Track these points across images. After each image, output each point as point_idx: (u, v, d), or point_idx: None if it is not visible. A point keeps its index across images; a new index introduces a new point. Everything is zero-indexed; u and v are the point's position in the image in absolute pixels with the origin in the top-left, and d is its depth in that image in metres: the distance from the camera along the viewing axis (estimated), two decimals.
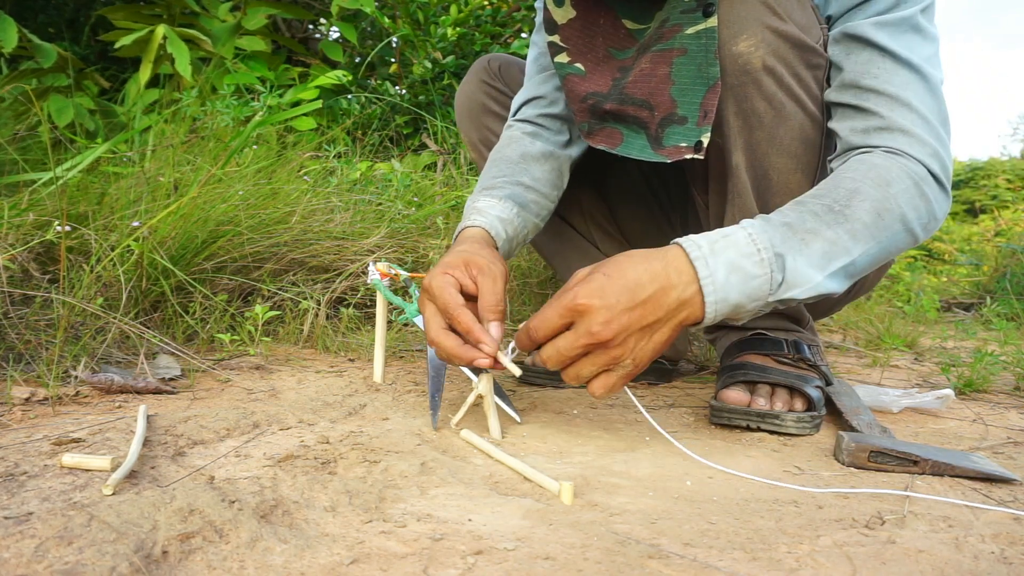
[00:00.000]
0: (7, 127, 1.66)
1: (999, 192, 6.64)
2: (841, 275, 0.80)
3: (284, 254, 1.43)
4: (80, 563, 0.49)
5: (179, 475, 0.68)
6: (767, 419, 0.95)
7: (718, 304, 0.75)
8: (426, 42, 2.73)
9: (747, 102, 0.91)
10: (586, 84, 1.01)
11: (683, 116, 0.92)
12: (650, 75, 0.94)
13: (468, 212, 1.02)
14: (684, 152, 0.93)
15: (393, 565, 0.54)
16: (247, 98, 2.14)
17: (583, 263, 1.15)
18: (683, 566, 0.56)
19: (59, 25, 3.01)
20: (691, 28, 0.90)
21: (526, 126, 1.13)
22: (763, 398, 0.98)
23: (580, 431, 0.94)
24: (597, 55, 1.01)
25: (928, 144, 0.86)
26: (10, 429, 0.79)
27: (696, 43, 0.90)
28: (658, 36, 0.93)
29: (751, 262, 0.75)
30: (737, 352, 1.07)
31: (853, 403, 1.06)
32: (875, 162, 0.84)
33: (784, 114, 0.92)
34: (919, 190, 0.84)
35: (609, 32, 1.01)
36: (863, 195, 0.81)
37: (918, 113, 0.87)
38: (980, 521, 0.67)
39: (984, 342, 1.71)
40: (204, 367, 1.10)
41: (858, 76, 0.89)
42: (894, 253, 0.85)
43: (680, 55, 0.91)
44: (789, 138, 0.94)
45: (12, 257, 1.06)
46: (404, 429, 0.87)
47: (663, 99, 0.93)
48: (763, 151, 0.94)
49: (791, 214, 0.80)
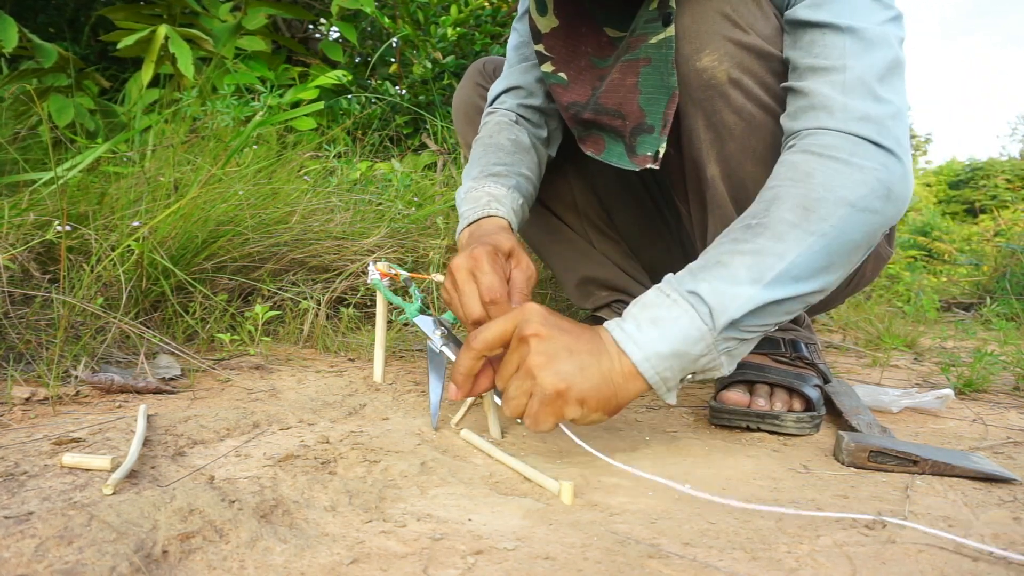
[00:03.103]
0: (7, 127, 1.66)
1: (999, 192, 6.64)
2: (784, 280, 0.75)
3: (284, 254, 1.43)
4: (80, 563, 0.49)
5: (179, 475, 0.68)
6: (767, 420, 0.95)
7: (651, 360, 0.71)
8: (426, 42, 2.73)
9: (716, 115, 0.90)
10: (568, 94, 1.02)
11: (651, 125, 0.93)
12: (619, 85, 0.94)
13: (481, 198, 0.99)
14: (647, 161, 0.94)
15: (393, 565, 0.54)
16: (247, 98, 2.14)
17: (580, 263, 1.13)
18: (683, 566, 0.56)
19: (59, 25, 3.01)
20: (654, 37, 0.90)
21: (510, 115, 1.12)
22: (762, 398, 0.98)
23: (580, 431, 0.94)
24: (580, 64, 1.02)
25: (853, 110, 0.78)
26: (10, 429, 0.79)
27: (658, 53, 0.90)
28: (627, 46, 0.93)
29: (663, 309, 0.73)
30: None
31: (853, 403, 1.06)
32: (794, 160, 0.80)
33: (755, 124, 0.91)
34: (850, 165, 0.77)
35: (591, 40, 1.01)
36: (781, 198, 0.78)
37: (847, 76, 0.80)
38: (980, 521, 0.67)
39: (984, 342, 1.71)
40: (204, 367, 1.10)
41: (799, 59, 0.85)
42: (863, 237, 0.78)
43: (645, 65, 0.91)
44: (763, 147, 0.92)
45: (12, 257, 1.06)
46: (404, 429, 0.87)
47: (632, 109, 0.94)
48: (737, 161, 0.93)
49: (709, 251, 0.78)
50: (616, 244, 1.30)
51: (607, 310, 1.29)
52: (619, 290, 1.29)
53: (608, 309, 1.29)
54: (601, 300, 1.29)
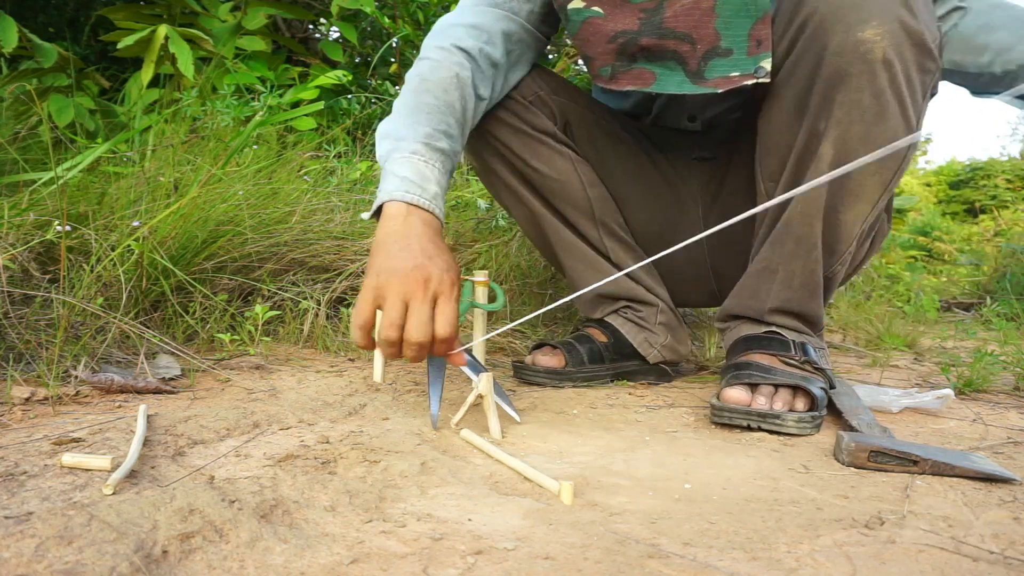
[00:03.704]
0: (7, 127, 1.66)
1: (999, 192, 6.65)
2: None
3: (284, 254, 1.43)
4: (80, 563, 0.49)
5: (179, 475, 0.68)
6: (768, 419, 0.95)
7: None
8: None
9: (855, 92, 0.91)
10: (611, 24, 0.99)
11: (727, 48, 0.93)
12: (694, 8, 0.94)
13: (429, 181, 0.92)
14: (738, 81, 0.94)
15: (393, 565, 0.54)
16: (247, 98, 2.14)
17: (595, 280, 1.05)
18: (683, 566, 0.56)
19: (59, 25, 3.01)
20: None
21: (468, 61, 1.03)
22: (764, 397, 0.98)
23: (580, 431, 0.94)
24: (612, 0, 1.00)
25: None
26: (10, 429, 0.79)
27: None
28: None
29: None
30: (744, 349, 1.06)
31: (853, 403, 1.06)
32: None
33: (885, 114, 0.92)
34: None
35: None
36: None
37: None
38: (980, 521, 0.67)
39: (984, 342, 1.71)
40: (204, 367, 1.10)
41: None
42: None
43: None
44: (881, 140, 0.92)
45: (12, 257, 1.06)
46: (404, 429, 0.87)
47: (707, 32, 0.94)
48: (853, 148, 0.93)
49: None
50: (631, 250, 1.26)
51: (614, 315, 1.27)
52: (630, 298, 1.27)
53: (615, 314, 1.27)
54: (609, 308, 1.27)
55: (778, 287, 1.06)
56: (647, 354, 1.25)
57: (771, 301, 1.07)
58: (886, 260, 3.13)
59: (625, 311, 1.27)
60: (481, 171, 1.24)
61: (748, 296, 1.09)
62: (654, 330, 1.25)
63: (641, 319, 1.26)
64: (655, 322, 1.26)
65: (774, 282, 1.06)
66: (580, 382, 1.20)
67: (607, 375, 1.24)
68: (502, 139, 1.17)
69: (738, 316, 1.11)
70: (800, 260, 1.03)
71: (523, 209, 1.23)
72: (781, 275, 1.05)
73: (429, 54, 1.04)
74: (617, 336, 1.25)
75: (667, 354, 1.26)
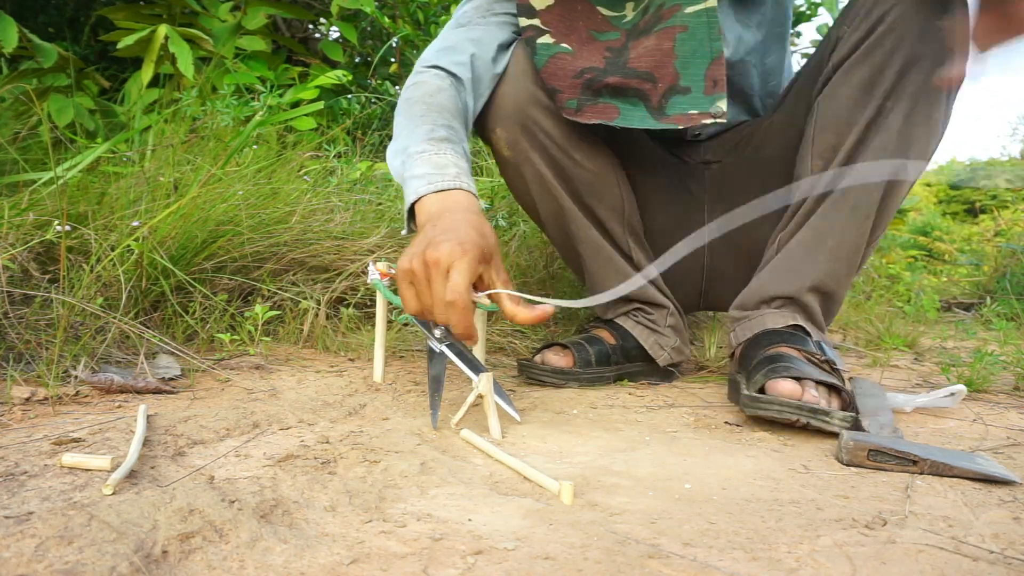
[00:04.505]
0: (7, 127, 1.66)
1: (999, 192, 6.64)
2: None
3: (284, 254, 1.43)
4: (80, 563, 0.49)
5: (179, 475, 0.68)
6: (818, 415, 0.91)
7: None
8: (426, 42, 2.73)
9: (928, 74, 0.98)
10: (579, 61, 1.04)
11: (686, 86, 0.99)
12: (655, 50, 1.00)
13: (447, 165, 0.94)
14: (697, 119, 1.00)
15: (393, 565, 0.54)
16: (247, 98, 2.14)
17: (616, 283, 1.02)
18: (683, 566, 0.56)
19: (59, 25, 3.01)
20: (690, 8, 0.99)
21: (446, 75, 1.07)
22: (813, 391, 0.94)
23: (580, 431, 0.94)
24: (580, 36, 1.06)
25: None
26: (10, 429, 0.79)
27: (696, 21, 0.99)
28: (657, 18, 1.01)
29: None
30: (768, 343, 1.04)
31: (876, 403, 1.05)
32: None
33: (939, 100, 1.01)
34: None
35: (587, 17, 1.06)
36: None
37: None
38: (980, 521, 0.67)
39: (984, 342, 1.71)
40: (204, 367, 1.10)
41: None
42: None
43: (682, 31, 0.99)
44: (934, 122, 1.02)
45: (12, 257, 1.06)
46: (404, 429, 0.87)
47: (667, 71, 1.00)
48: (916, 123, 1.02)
49: None
50: (647, 252, 1.27)
51: (624, 316, 1.27)
52: (643, 300, 1.26)
53: (626, 316, 1.27)
54: (622, 309, 1.27)
55: (825, 257, 1.07)
56: (658, 357, 1.25)
57: (813, 275, 1.07)
58: (886, 260, 3.12)
59: (636, 313, 1.27)
60: (512, 161, 1.19)
61: (785, 272, 1.09)
62: (664, 332, 1.26)
63: (652, 322, 1.26)
64: (665, 324, 1.26)
65: (821, 252, 1.06)
66: (585, 383, 1.20)
67: (611, 376, 1.24)
68: (545, 127, 1.15)
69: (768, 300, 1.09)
70: (853, 229, 1.05)
71: (551, 203, 1.21)
72: (831, 244, 1.06)
73: (410, 80, 1.10)
74: (626, 338, 1.25)
75: (675, 356, 1.26)
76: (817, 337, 1.06)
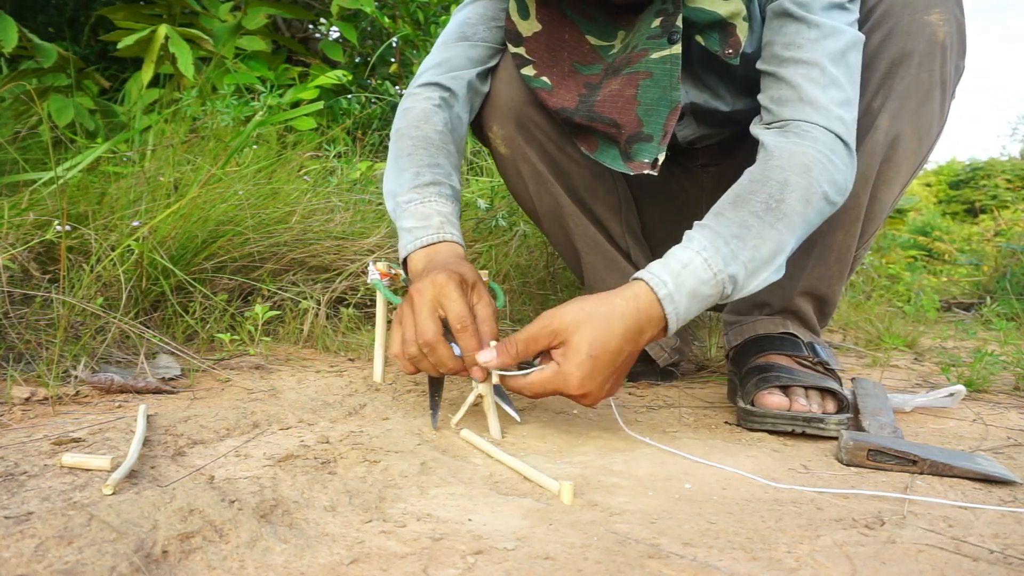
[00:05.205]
0: (7, 127, 1.66)
1: (999, 192, 6.64)
2: (782, 265, 0.88)
3: (284, 254, 1.43)
4: (80, 563, 0.49)
5: (179, 475, 0.68)
6: (812, 423, 0.93)
7: (678, 326, 0.83)
8: (426, 42, 2.73)
9: (916, 69, 0.98)
10: (554, 99, 1.03)
11: (649, 134, 0.96)
12: (618, 96, 0.97)
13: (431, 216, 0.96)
14: (644, 167, 0.97)
15: (393, 565, 0.54)
16: (247, 98, 2.14)
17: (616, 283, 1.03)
18: (683, 566, 0.56)
19: (59, 25, 3.01)
20: (656, 53, 0.95)
21: (436, 91, 1.07)
22: (802, 399, 0.97)
23: (580, 431, 0.94)
24: (563, 69, 1.03)
25: (832, 110, 0.90)
26: (10, 429, 0.79)
27: (661, 67, 0.94)
28: (627, 60, 0.97)
29: (708, 287, 0.82)
30: (758, 351, 1.05)
31: (877, 404, 1.05)
32: (793, 150, 0.89)
33: (931, 96, 0.99)
34: (832, 164, 0.89)
35: (574, 47, 1.03)
36: (792, 186, 0.87)
37: (829, 78, 0.90)
38: (980, 521, 0.67)
39: (984, 342, 1.71)
40: (204, 367, 1.10)
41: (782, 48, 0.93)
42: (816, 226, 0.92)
43: (646, 77, 0.95)
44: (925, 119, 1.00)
45: (12, 257, 1.06)
46: (404, 429, 0.87)
47: (629, 119, 0.96)
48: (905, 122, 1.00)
49: (735, 218, 0.86)
50: (645, 252, 1.27)
51: None
52: None
53: None
54: None
55: (813, 261, 1.07)
56: (658, 357, 1.24)
57: (803, 281, 1.07)
58: (886, 260, 3.12)
59: None
60: (509, 158, 1.19)
61: None
62: None
63: None
64: None
65: (809, 256, 1.06)
66: None
67: None
68: (541, 124, 1.15)
69: (760, 305, 1.10)
70: (841, 232, 1.05)
71: (548, 200, 1.20)
72: (818, 248, 1.06)
73: (401, 105, 1.09)
74: None
75: (675, 356, 1.26)
76: (809, 339, 1.06)
